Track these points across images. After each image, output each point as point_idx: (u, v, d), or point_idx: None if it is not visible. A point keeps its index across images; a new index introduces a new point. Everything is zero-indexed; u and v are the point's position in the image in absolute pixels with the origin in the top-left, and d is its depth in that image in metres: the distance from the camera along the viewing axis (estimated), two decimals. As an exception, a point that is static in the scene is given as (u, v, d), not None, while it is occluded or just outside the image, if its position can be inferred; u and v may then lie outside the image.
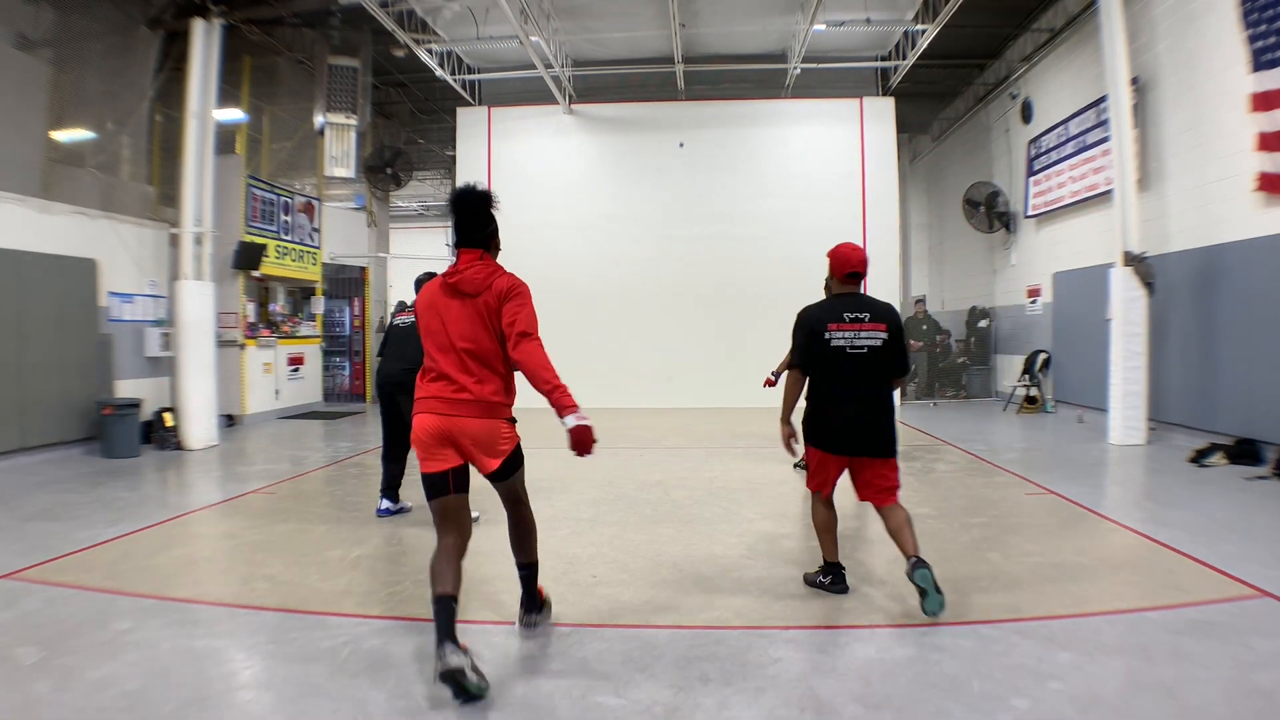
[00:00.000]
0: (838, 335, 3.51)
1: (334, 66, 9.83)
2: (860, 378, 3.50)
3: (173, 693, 2.67)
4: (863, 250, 3.74)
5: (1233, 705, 2.53)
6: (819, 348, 3.52)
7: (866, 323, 3.51)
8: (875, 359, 3.50)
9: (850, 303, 3.59)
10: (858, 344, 3.49)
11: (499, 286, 3.13)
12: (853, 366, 3.48)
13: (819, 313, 3.61)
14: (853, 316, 3.52)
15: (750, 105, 12.71)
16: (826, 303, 3.71)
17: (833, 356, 3.50)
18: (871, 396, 3.51)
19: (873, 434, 3.48)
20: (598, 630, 3.25)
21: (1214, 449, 6.84)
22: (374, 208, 14.49)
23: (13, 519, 5.23)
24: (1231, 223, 7.23)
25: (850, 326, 3.51)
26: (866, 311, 3.54)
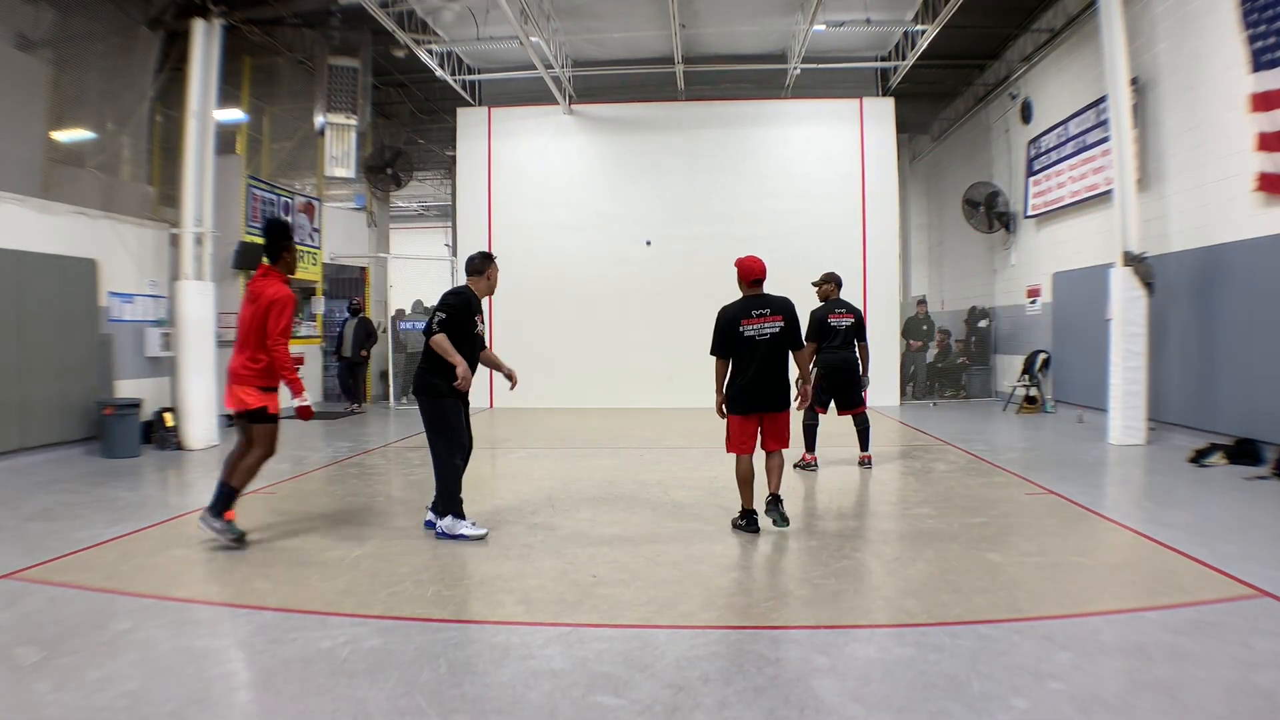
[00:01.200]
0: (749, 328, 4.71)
1: (334, 67, 9.84)
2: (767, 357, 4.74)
3: (173, 692, 2.67)
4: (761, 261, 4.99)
5: (1232, 705, 2.53)
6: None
7: (768, 316, 4.72)
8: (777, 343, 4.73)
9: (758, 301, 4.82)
10: (764, 333, 4.69)
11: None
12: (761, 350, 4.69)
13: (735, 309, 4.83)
14: (758, 312, 4.72)
15: (750, 105, 12.72)
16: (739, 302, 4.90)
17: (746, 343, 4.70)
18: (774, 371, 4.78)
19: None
20: (598, 630, 3.25)
21: (1214, 449, 6.84)
22: (374, 208, 14.50)
23: (13, 519, 5.24)
24: (1231, 223, 7.23)
25: (757, 320, 4.69)
26: (768, 306, 4.76)
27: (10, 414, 7.30)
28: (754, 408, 4.69)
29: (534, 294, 12.56)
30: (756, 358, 4.63)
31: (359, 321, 12.11)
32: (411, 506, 5.66)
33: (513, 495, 6.12)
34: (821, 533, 4.84)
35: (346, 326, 12.09)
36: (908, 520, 5.15)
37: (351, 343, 11.94)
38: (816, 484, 6.42)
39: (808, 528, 4.94)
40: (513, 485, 6.56)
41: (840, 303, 7.09)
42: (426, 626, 3.30)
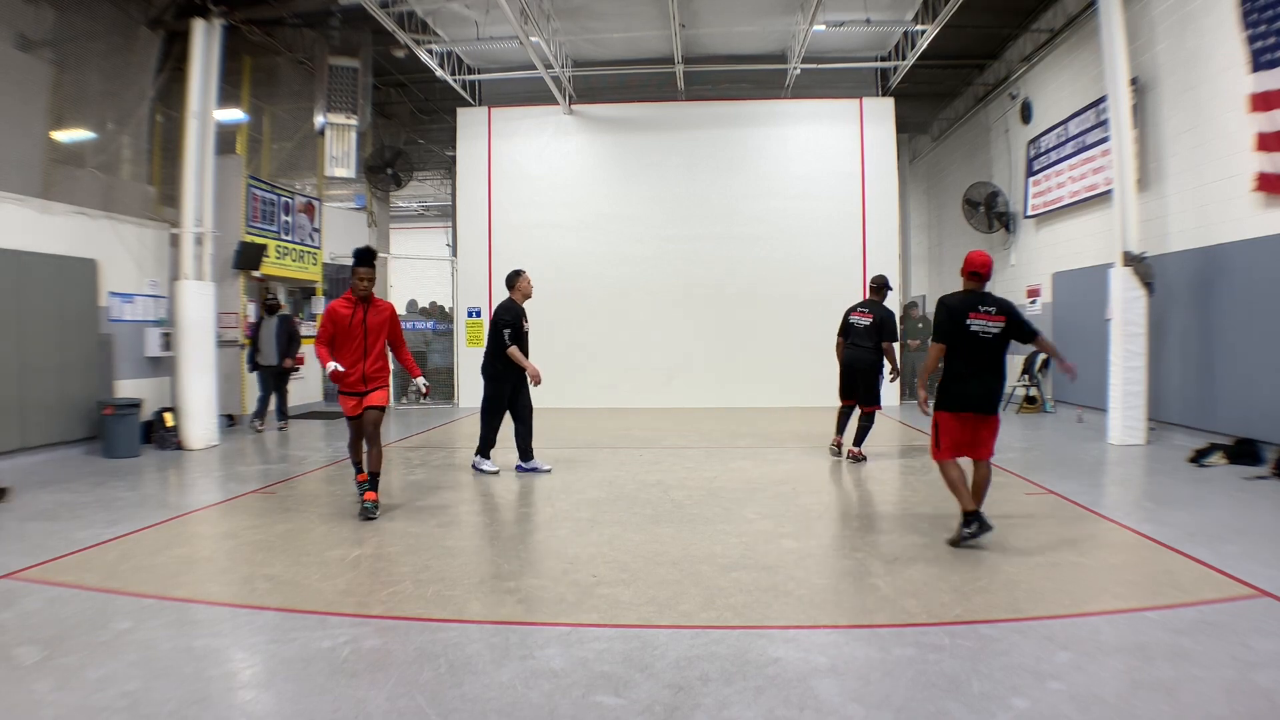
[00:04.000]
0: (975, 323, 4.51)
1: (334, 67, 9.83)
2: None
3: (173, 692, 2.67)
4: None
5: (1232, 705, 2.53)
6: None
7: (994, 315, 4.51)
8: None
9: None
10: (987, 331, 4.50)
11: None
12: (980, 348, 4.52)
13: (959, 301, 4.59)
14: (983, 309, 4.51)
15: (750, 105, 12.72)
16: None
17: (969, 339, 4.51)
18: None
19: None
20: (598, 630, 3.25)
21: (1213, 449, 6.84)
22: (374, 208, 14.50)
23: (13, 519, 5.24)
24: (1231, 223, 7.23)
25: (982, 317, 4.50)
26: (992, 305, 4.55)
27: (10, 414, 7.30)
28: (968, 406, 4.50)
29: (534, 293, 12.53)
30: (977, 355, 4.46)
31: (279, 321, 9.74)
32: (412, 506, 5.67)
33: (512, 495, 6.12)
34: (821, 533, 4.84)
35: (263, 328, 9.74)
36: (908, 520, 5.15)
37: (275, 348, 9.64)
38: (817, 484, 6.42)
39: (808, 528, 4.94)
40: (512, 485, 6.55)
41: (867, 303, 7.48)
42: (426, 626, 3.30)
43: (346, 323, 5.20)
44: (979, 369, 4.46)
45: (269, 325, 9.71)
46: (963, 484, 4.46)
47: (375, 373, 5.36)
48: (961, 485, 4.46)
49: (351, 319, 5.21)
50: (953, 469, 4.51)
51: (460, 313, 13.01)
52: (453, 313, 13.40)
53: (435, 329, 13.76)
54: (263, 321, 9.81)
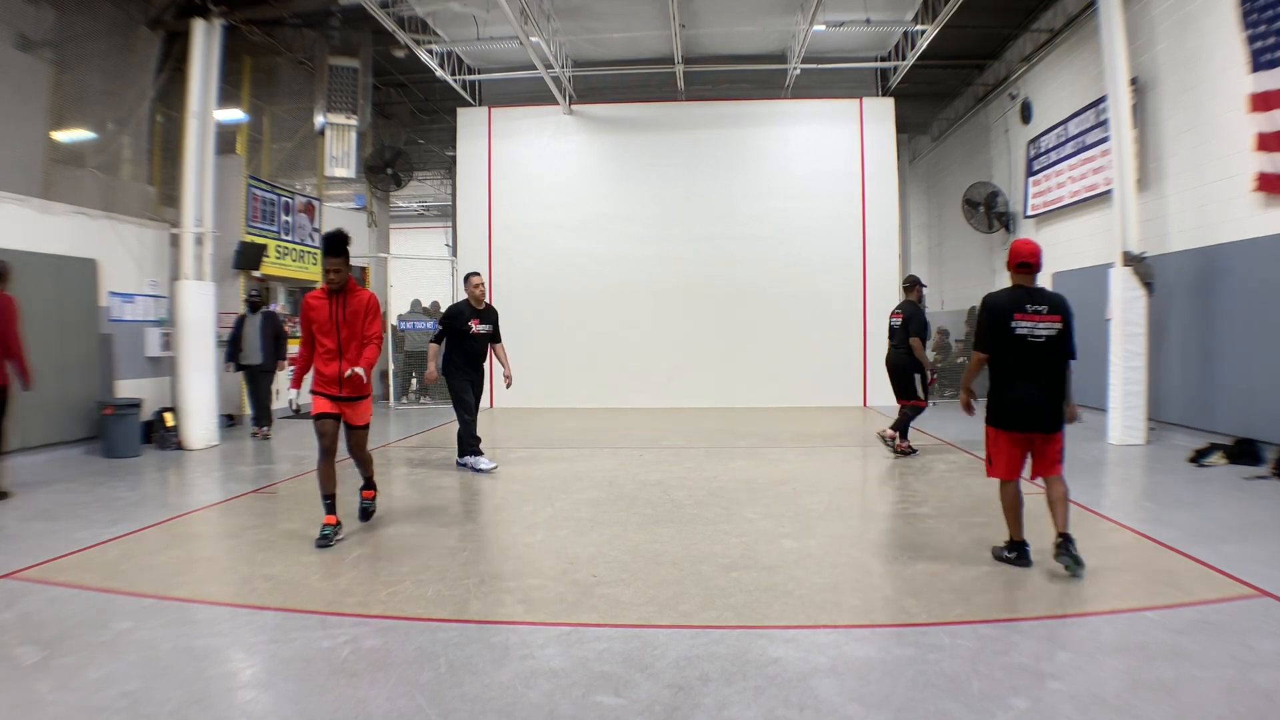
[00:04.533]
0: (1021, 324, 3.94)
1: (334, 67, 9.84)
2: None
3: (173, 692, 2.67)
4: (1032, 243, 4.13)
5: (1232, 705, 2.53)
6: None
7: (1045, 314, 3.92)
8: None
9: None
10: (1037, 333, 3.92)
11: None
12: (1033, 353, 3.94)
13: (1005, 299, 4.01)
14: (1033, 308, 3.93)
15: (750, 106, 12.73)
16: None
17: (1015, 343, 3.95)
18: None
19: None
20: (598, 630, 3.25)
21: (1213, 449, 6.84)
22: (374, 208, 14.50)
23: (13, 519, 5.24)
24: (1230, 223, 7.23)
25: (1031, 317, 3.91)
26: (1044, 304, 3.95)
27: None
28: (1018, 424, 3.92)
29: (534, 294, 12.57)
30: (1028, 363, 3.90)
31: (264, 319, 9.25)
32: (412, 506, 5.67)
33: (512, 494, 6.12)
34: (821, 533, 4.84)
35: (246, 325, 9.22)
36: (908, 520, 5.15)
37: (260, 346, 9.17)
38: (817, 484, 6.41)
39: (808, 528, 4.94)
40: (512, 485, 6.55)
41: (901, 304, 7.77)
42: (426, 626, 3.30)
43: (322, 317, 4.73)
44: (1031, 379, 3.87)
45: (253, 323, 9.24)
46: (1017, 510, 4.00)
47: (355, 377, 4.70)
48: (1015, 511, 4.00)
49: (327, 313, 4.74)
50: (1008, 491, 4.02)
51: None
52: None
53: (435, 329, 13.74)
54: (246, 319, 9.29)
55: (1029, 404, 3.89)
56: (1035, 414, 3.90)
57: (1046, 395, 3.89)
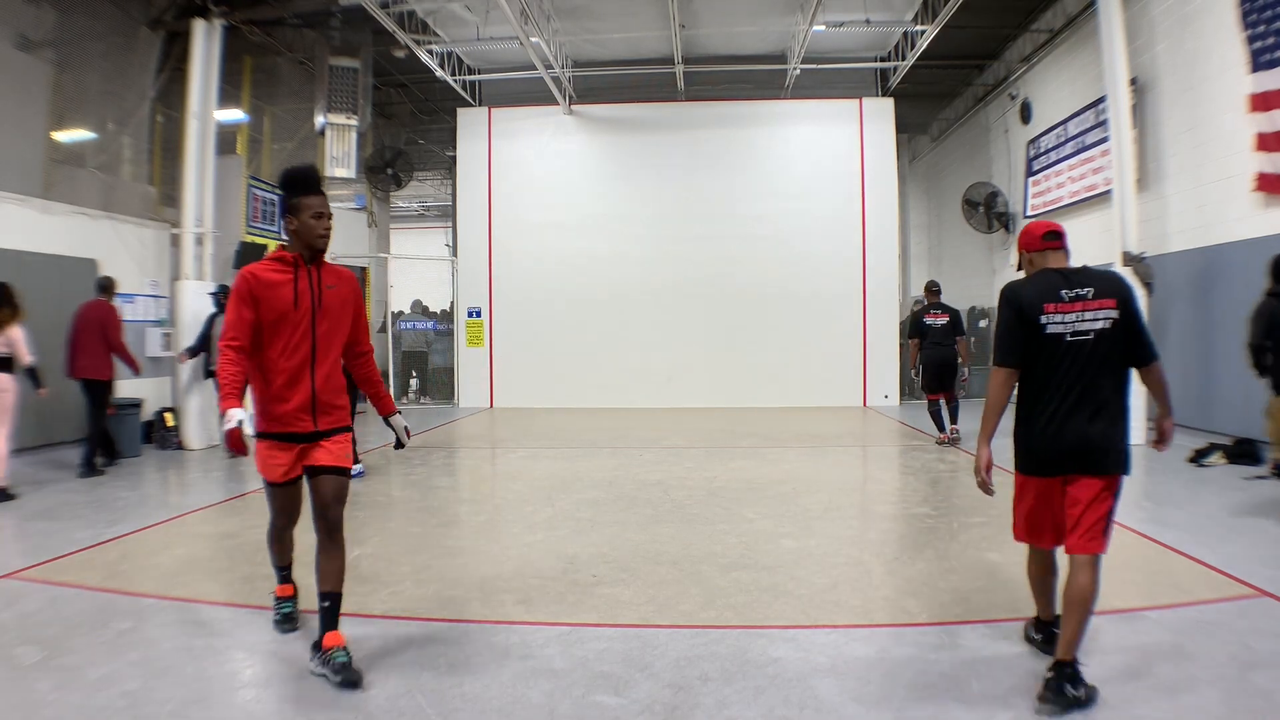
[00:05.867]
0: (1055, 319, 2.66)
1: (334, 67, 9.85)
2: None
3: (173, 692, 2.67)
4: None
5: (1232, 705, 2.53)
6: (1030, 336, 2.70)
7: (1091, 300, 2.65)
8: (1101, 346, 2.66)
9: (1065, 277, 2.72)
10: (1080, 328, 2.66)
11: None
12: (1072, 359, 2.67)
13: (1029, 288, 2.74)
14: (1071, 294, 2.67)
15: (750, 106, 12.73)
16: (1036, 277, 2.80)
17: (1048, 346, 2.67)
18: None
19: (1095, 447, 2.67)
20: (598, 630, 3.25)
21: (1213, 449, 6.84)
22: (374, 208, 14.51)
23: (13, 519, 5.24)
24: (1230, 223, 7.24)
25: (1070, 307, 2.66)
26: (1089, 286, 2.68)
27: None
28: (1057, 464, 2.72)
29: (534, 294, 12.58)
30: (1067, 373, 2.66)
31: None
32: (412, 506, 5.67)
33: (513, 495, 6.12)
34: (821, 533, 4.84)
35: (215, 327, 7.64)
36: (908, 520, 5.15)
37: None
38: (817, 484, 6.42)
39: (808, 528, 4.94)
40: (513, 485, 6.56)
41: (936, 305, 8.19)
42: (427, 626, 3.30)
43: (284, 301, 2.84)
44: (1072, 398, 2.66)
45: (219, 324, 7.42)
46: (1044, 583, 2.95)
47: (333, 397, 2.91)
48: (1041, 585, 2.95)
49: (291, 295, 2.86)
50: (1034, 562, 2.96)
51: (460, 313, 13.01)
52: (453, 312, 13.41)
53: (436, 329, 13.77)
54: (214, 319, 7.79)
55: (1070, 436, 2.65)
56: (1079, 449, 2.64)
57: (1095, 420, 2.63)
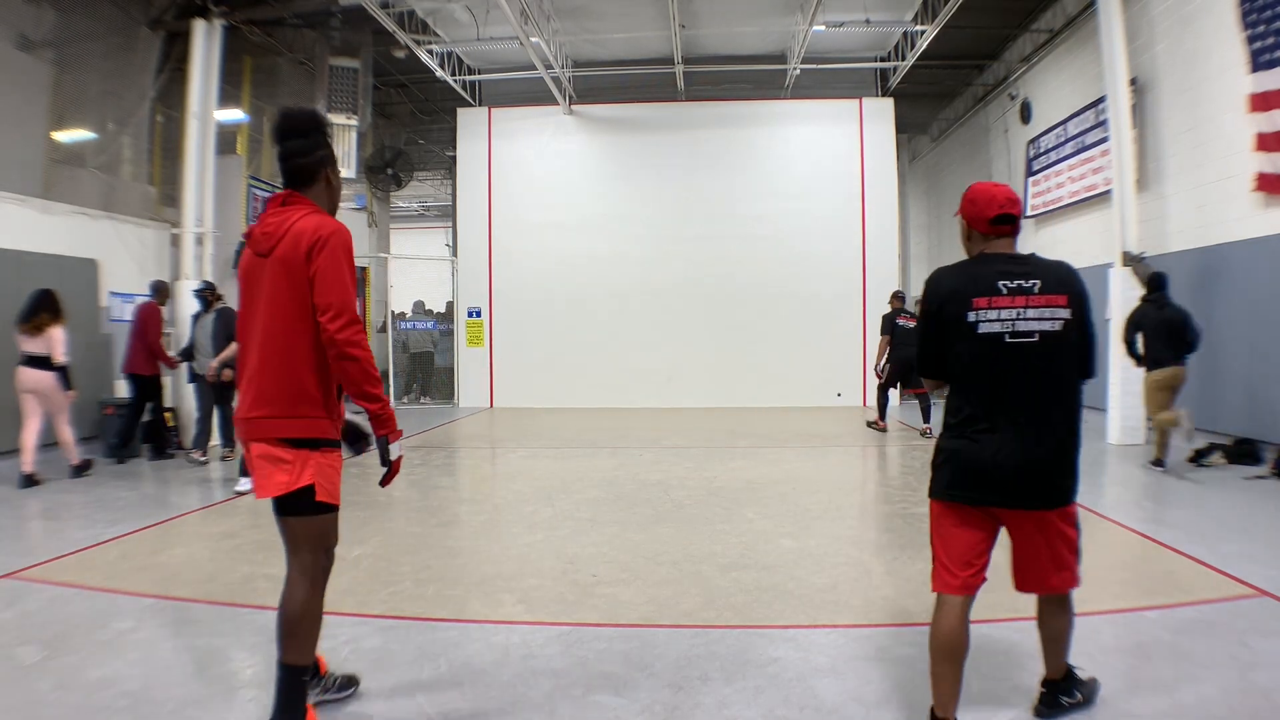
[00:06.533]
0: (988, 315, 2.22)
1: (335, 67, 9.86)
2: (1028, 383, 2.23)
3: (174, 692, 2.68)
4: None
5: (1231, 705, 2.53)
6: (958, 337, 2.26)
7: (1036, 295, 2.22)
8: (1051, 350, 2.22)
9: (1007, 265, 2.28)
10: (1021, 328, 2.21)
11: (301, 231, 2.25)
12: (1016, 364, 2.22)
13: (955, 278, 2.32)
14: (1013, 285, 2.23)
15: (750, 106, 12.73)
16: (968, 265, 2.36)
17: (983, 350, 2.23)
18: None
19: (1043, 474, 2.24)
20: (598, 630, 3.25)
21: (1213, 449, 6.84)
22: (374, 208, 14.52)
23: (13, 519, 5.24)
24: (1230, 223, 7.24)
25: (1009, 301, 2.22)
26: (1036, 278, 2.24)
27: (10, 414, 7.29)
28: (995, 493, 2.24)
29: (534, 294, 12.58)
30: (1011, 384, 2.22)
31: (218, 317, 7.15)
32: (412, 506, 5.67)
33: (513, 495, 6.12)
34: (821, 533, 4.84)
35: (199, 328, 7.30)
36: (908, 520, 5.15)
37: (212, 352, 7.08)
38: (816, 484, 6.42)
39: (808, 528, 4.94)
40: (513, 485, 6.56)
41: (907, 310, 9.09)
42: (426, 626, 3.30)
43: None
44: (1012, 412, 2.21)
45: (205, 324, 7.27)
46: (955, 654, 2.29)
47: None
48: (951, 655, 2.29)
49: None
50: (943, 618, 2.32)
51: (460, 313, 13.01)
52: (451, 311, 13.42)
53: (436, 329, 13.78)
54: (199, 319, 7.36)
55: (1013, 461, 2.19)
56: (1024, 477, 2.20)
57: (1041, 442, 2.20)
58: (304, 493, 2.28)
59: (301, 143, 2.41)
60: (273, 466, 2.26)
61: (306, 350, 2.25)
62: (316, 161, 2.42)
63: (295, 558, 2.39)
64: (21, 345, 6.32)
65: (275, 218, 2.31)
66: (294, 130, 2.42)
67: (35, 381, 6.28)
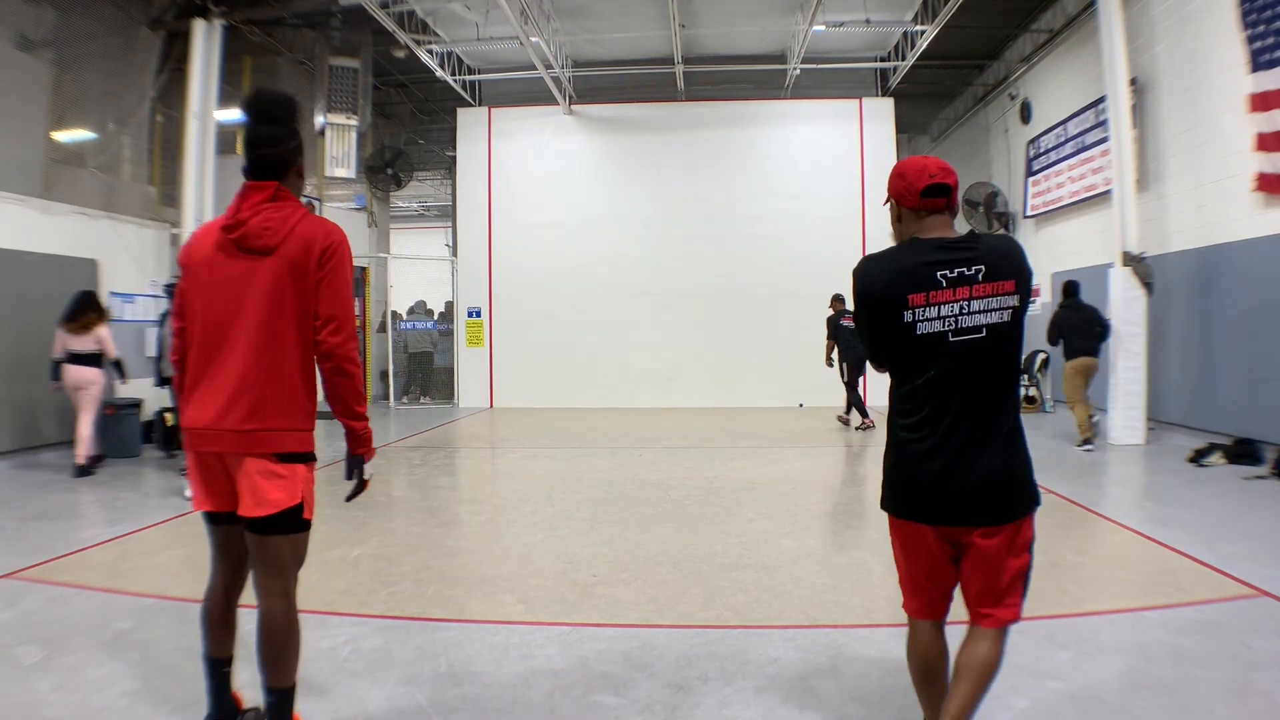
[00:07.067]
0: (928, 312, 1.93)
1: (334, 67, 9.85)
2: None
3: (174, 692, 2.67)
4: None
5: (1231, 705, 2.53)
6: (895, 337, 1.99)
7: (981, 283, 1.90)
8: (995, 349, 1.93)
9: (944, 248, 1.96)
10: (967, 325, 1.91)
11: (305, 236, 2.13)
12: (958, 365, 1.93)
13: (885, 273, 2.02)
14: (953, 275, 1.92)
15: (750, 106, 12.73)
16: (900, 252, 2.06)
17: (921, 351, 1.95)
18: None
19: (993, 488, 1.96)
20: (598, 630, 3.25)
21: (1213, 449, 6.84)
22: (374, 208, 14.50)
23: (13, 519, 5.24)
24: (1230, 223, 7.24)
25: (950, 295, 1.91)
26: (979, 263, 1.92)
27: (10, 414, 7.30)
28: (946, 510, 1.98)
29: (534, 293, 12.58)
30: (956, 389, 1.94)
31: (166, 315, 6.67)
32: (412, 506, 5.67)
33: (513, 494, 6.12)
34: (821, 533, 4.84)
35: (166, 325, 6.77)
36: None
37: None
38: (816, 484, 6.42)
39: (808, 528, 4.94)
40: (513, 485, 6.56)
41: (848, 311, 9.07)
42: (426, 626, 3.30)
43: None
44: (959, 420, 1.94)
45: (169, 321, 6.67)
46: (935, 673, 2.13)
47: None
48: (930, 676, 2.13)
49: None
50: (918, 638, 2.14)
51: (460, 313, 13.01)
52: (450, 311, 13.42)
53: (436, 329, 13.78)
54: (166, 317, 6.94)
55: (964, 475, 1.93)
56: (977, 492, 1.93)
57: (993, 451, 1.94)
58: (294, 510, 2.15)
59: (276, 130, 2.20)
60: (267, 483, 2.10)
61: (299, 358, 2.15)
62: (291, 152, 2.22)
63: (276, 580, 2.18)
64: (67, 344, 6.65)
65: (275, 213, 2.13)
66: (268, 116, 2.21)
67: (83, 377, 6.66)
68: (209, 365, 2.14)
